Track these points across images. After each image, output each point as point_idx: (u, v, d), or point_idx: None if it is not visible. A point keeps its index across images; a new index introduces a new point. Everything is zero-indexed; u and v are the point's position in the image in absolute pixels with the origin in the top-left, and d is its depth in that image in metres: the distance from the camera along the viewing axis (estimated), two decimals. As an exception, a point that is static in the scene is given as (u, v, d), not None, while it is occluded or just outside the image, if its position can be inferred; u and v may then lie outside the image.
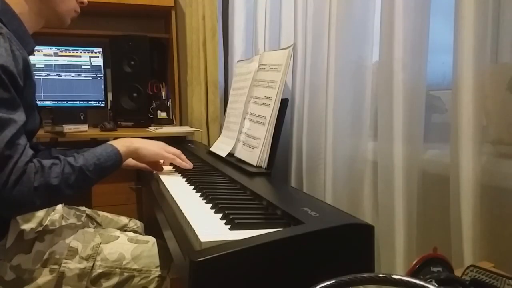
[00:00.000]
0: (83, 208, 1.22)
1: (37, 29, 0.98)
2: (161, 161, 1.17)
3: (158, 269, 0.95)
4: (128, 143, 1.00)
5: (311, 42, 1.28)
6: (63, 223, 1.01)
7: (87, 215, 1.20)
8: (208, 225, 0.70)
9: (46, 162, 0.82)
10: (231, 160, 1.27)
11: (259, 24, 1.63)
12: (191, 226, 0.68)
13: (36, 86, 0.95)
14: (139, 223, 1.33)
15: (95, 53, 2.23)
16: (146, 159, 1.07)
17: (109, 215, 1.28)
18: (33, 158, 0.80)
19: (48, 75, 2.15)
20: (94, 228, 1.14)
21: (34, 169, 0.79)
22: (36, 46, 0.98)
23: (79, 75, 2.22)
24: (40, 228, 0.95)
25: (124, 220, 1.29)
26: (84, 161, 0.87)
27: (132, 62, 2.15)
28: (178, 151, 1.14)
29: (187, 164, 1.14)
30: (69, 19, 1.02)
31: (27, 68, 0.86)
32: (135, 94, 2.17)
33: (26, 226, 0.94)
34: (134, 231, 1.29)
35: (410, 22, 0.92)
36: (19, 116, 0.81)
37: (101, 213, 1.26)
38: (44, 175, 0.80)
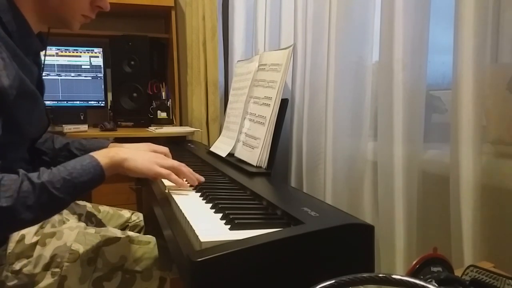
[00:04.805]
0: (83, 203, 1.21)
1: (42, 30, 0.92)
2: None
3: (159, 270, 0.95)
4: (113, 153, 0.84)
5: (311, 42, 1.28)
6: (64, 225, 1.01)
7: (87, 213, 1.20)
8: (208, 225, 0.70)
9: None
10: (231, 160, 1.27)
11: (259, 24, 1.63)
12: (191, 226, 0.68)
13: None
14: (141, 216, 1.32)
15: (95, 53, 2.23)
16: (134, 174, 0.86)
17: (111, 210, 1.27)
18: None
19: (48, 75, 2.15)
20: (94, 226, 1.14)
21: None
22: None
23: (79, 75, 2.22)
24: (40, 232, 0.95)
25: (126, 214, 1.29)
26: (50, 176, 0.74)
27: (132, 62, 2.15)
28: (176, 163, 0.92)
29: (183, 182, 0.91)
30: (76, 23, 0.91)
31: (21, 80, 0.79)
32: (135, 94, 2.17)
33: (26, 230, 0.93)
34: (136, 225, 1.28)
35: (410, 22, 0.92)
36: None
37: (102, 207, 1.26)
38: None
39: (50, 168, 0.76)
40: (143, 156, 0.88)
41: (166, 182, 0.99)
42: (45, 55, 1.01)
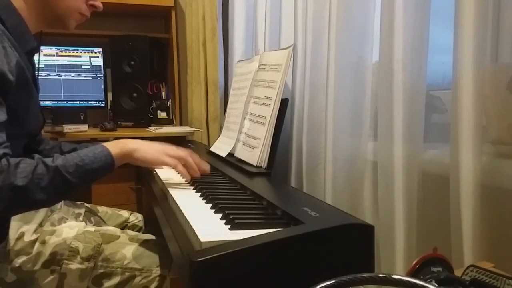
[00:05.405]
0: (82, 203, 1.21)
1: (39, 30, 0.95)
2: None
3: (159, 268, 0.95)
4: (123, 144, 0.89)
5: (311, 42, 1.28)
6: (63, 223, 1.01)
7: (86, 212, 1.20)
8: (208, 225, 0.70)
9: (14, 160, 0.74)
10: (231, 160, 1.27)
11: (259, 24, 1.63)
12: (191, 226, 0.68)
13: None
14: (140, 217, 1.32)
15: (95, 53, 2.23)
16: (142, 163, 0.92)
17: (109, 210, 1.27)
18: (3, 157, 0.73)
19: (48, 75, 2.16)
20: (93, 225, 1.14)
21: (1, 168, 0.71)
22: (37, 46, 0.96)
23: (79, 75, 2.22)
24: (40, 230, 0.95)
25: (124, 214, 1.29)
26: (63, 161, 0.78)
27: (132, 62, 2.15)
28: (183, 154, 0.96)
29: (186, 174, 0.96)
30: (72, 21, 0.95)
31: (21, 69, 0.82)
32: (135, 94, 2.17)
33: (26, 228, 0.94)
34: (135, 226, 1.29)
35: (410, 22, 0.92)
36: None
37: (101, 208, 1.26)
38: (9, 174, 0.71)
39: (65, 154, 0.80)
40: (151, 147, 0.92)
41: (162, 176, 1.02)
42: (39, 56, 1.03)
